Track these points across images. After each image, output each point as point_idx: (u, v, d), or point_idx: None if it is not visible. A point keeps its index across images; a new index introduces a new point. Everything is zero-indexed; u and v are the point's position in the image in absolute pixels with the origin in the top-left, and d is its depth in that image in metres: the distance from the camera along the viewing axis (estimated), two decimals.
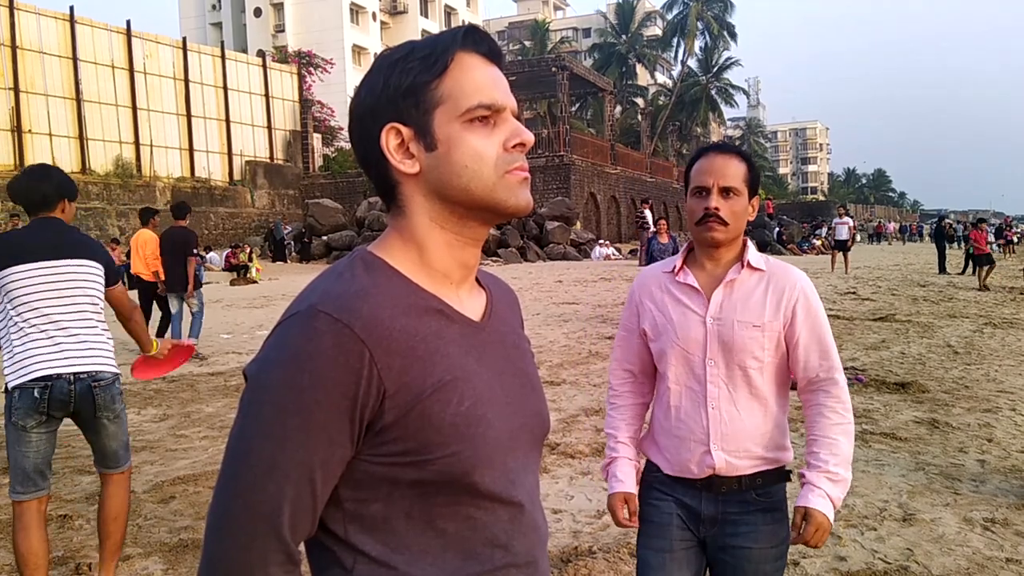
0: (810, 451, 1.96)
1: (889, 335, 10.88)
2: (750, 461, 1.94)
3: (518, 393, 1.06)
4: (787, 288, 1.95)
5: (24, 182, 3.39)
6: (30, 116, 27.03)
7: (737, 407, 1.94)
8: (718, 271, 2.00)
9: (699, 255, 2.03)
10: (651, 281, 2.09)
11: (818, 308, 1.97)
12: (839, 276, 20.85)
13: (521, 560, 1.02)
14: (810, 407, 1.99)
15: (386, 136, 1.00)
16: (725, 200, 1.94)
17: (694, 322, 1.97)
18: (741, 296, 1.95)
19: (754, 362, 1.92)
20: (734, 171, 1.96)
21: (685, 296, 2.00)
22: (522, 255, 27.48)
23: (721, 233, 1.94)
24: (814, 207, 65.98)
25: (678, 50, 62.35)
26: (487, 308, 1.09)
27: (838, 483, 1.90)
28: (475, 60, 1.01)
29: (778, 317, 1.93)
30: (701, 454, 1.94)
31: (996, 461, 5.24)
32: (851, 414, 1.97)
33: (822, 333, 1.97)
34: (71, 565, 3.76)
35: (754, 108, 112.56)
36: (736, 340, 1.92)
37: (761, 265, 1.98)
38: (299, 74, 38.84)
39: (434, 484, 0.95)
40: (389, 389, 0.92)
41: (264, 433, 0.90)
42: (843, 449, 1.92)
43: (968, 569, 3.62)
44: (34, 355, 3.14)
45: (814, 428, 1.96)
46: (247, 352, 10.34)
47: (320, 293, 0.95)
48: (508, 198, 1.01)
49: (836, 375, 1.96)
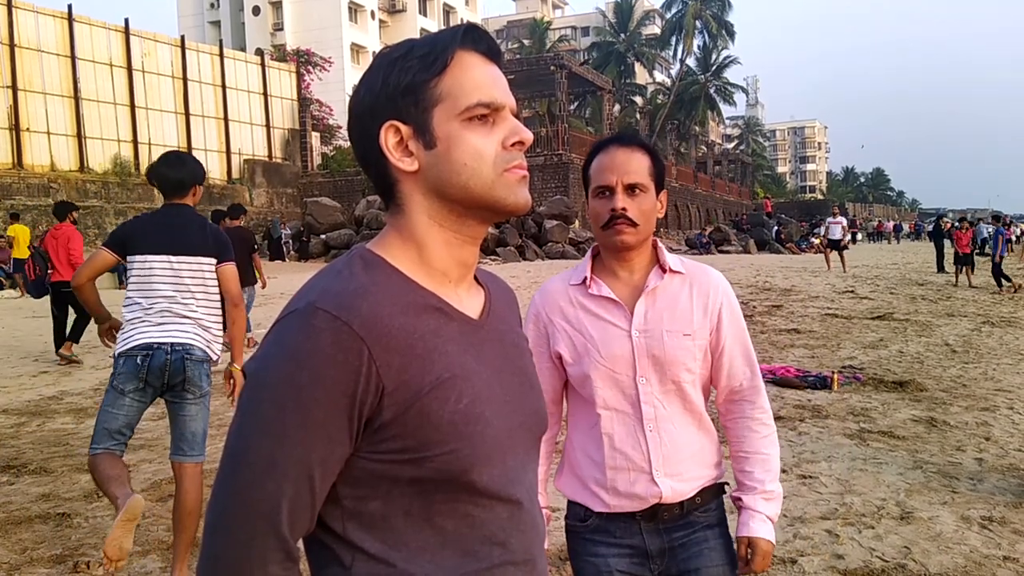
0: (741, 469, 1.86)
1: (887, 334, 10.89)
2: (692, 483, 1.80)
3: (516, 391, 1.07)
4: (711, 291, 1.82)
5: (161, 169, 3.71)
6: (28, 114, 26.99)
7: (674, 424, 1.79)
8: (635, 278, 1.82)
9: (608, 262, 1.84)
10: (558, 296, 1.86)
11: (738, 311, 1.87)
12: (837, 275, 20.86)
13: (519, 558, 1.03)
14: (734, 419, 1.88)
15: (385, 134, 1.00)
16: (631, 198, 1.75)
17: (618, 338, 1.77)
18: (666, 303, 1.79)
19: (687, 374, 1.78)
20: (637, 165, 1.77)
21: (603, 310, 1.80)
22: (520, 254, 27.48)
23: (631, 236, 1.75)
24: (812, 206, 66.01)
25: (677, 49, 62.39)
26: (486, 306, 1.09)
27: (773, 500, 1.83)
28: (474, 59, 1.01)
29: (705, 323, 1.80)
30: (645, 484, 1.77)
31: (994, 459, 5.25)
32: (773, 420, 1.89)
33: (745, 338, 1.87)
34: (69, 563, 3.76)
35: (753, 107, 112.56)
36: (668, 352, 1.76)
37: (680, 268, 1.82)
38: (298, 73, 38.80)
39: (433, 482, 0.95)
40: (388, 387, 0.92)
41: (263, 430, 0.90)
42: (774, 464, 1.84)
43: (965, 567, 3.63)
44: (140, 329, 3.56)
45: (743, 443, 1.86)
46: (245, 351, 10.32)
47: (319, 291, 0.95)
48: (507, 196, 1.01)
49: (758, 382, 1.86)
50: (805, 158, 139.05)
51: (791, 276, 20.87)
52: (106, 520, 4.33)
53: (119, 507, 3.21)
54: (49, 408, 7.24)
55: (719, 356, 1.82)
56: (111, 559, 3.13)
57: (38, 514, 4.44)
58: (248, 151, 35.24)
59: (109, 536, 3.16)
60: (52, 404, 7.42)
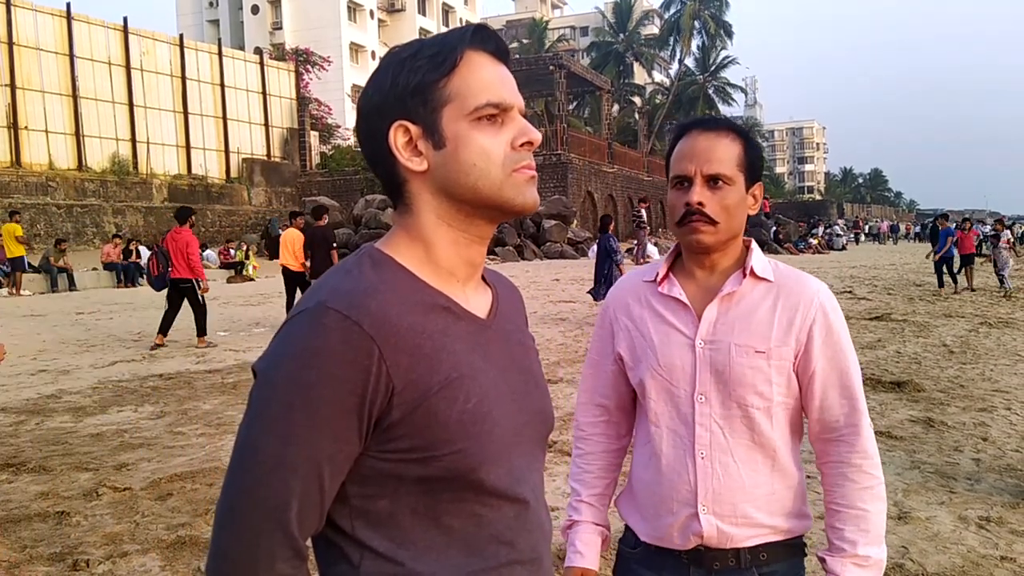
0: (831, 525, 1.53)
1: (885, 334, 10.92)
2: (750, 530, 1.51)
3: (523, 391, 1.07)
4: (802, 304, 1.52)
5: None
6: (26, 113, 26.98)
7: (735, 458, 1.51)
8: (712, 281, 1.58)
9: (687, 261, 1.62)
10: (628, 293, 1.66)
11: (841, 331, 1.54)
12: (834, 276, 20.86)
13: (525, 557, 1.03)
14: (829, 464, 1.56)
15: (394, 134, 1.00)
16: (712, 192, 1.51)
17: (680, 346, 1.54)
18: (741, 313, 1.53)
19: (757, 399, 1.50)
20: (723, 153, 1.52)
21: (669, 312, 1.58)
22: (519, 253, 27.49)
23: (709, 235, 1.52)
24: (811, 206, 66.05)
25: (675, 49, 62.40)
26: (493, 306, 1.09)
27: (867, 568, 1.48)
28: (483, 59, 1.02)
29: (788, 341, 1.50)
30: (686, 518, 1.52)
31: (991, 460, 5.26)
32: (880, 471, 1.53)
33: (845, 365, 1.53)
34: (68, 561, 3.76)
35: (751, 107, 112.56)
36: (734, 370, 1.50)
37: (768, 274, 1.55)
38: (296, 72, 38.80)
39: (440, 481, 0.96)
40: (397, 386, 0.93)
41: (272, 429, 0.91)
42: (875, 523, 1.49)
43: (963, 567, 3.64)
44: None
45: (836, 494, 1.53)
46: (244, 349, 10.33)
47: (329, 290, 0.96)
48: (515, 196, 1.01)
49: (861, 421, 1.53)
50: (803, 158, 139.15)
51: None
52: (105, 519, 4.34)
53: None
54: (48, 407, 7.24)
55: (809, 383, 1.53)
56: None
57: (37, 512, 4.44)
58: (247, 150, 35.23)
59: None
60: (51, 403, 7.41)
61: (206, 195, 32.49)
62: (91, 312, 15.09)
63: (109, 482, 4.93)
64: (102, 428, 6.41)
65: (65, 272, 20.49)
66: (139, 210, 29.68)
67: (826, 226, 46.39)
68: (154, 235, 28.34)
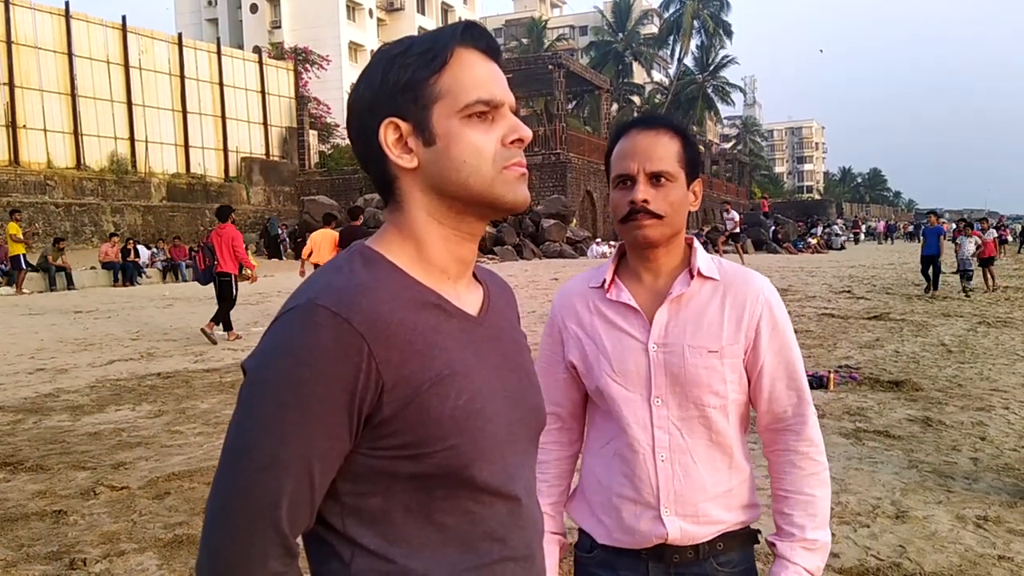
0: (780, 511, 1.58)
1: (883, 333, 10.92)
2: (711, 527, 1.54)
3: (516, 387, 1.07)
4: (749, 300, 1.55)
5: None
6: (25, 111, 26.95)
7: (694, 458, 1.54)
8: (659, 283, 1.58)
9: (633, 264, 1.61)
10: (576, 300, 1.65)
11: (786, 325, 1.59)
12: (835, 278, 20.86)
13: (518, 554, 1.03)
14: (776, 452, 1.61)
15: (384, 131, 1.00)
16: (656, 188, 1.52)
17: (633, 351, 1.55)
18: (692, 314, 1.54)
19: (714, 398, 1.53)
20: (664, 151, 1.53)
21: (620, 318, 1.58)
22: (518, 253, 27.49)
23: (653, 229, 1.52)
24: (810, 206, 66.15)
25: (674, 48, 62.46)
26: (484, 303, 1.09)
27: (815, 551, 1.54)
28: (474, 56, 1.02)
29: (739, 339, 1.54)
30: (649, 520, 1.54)
31: (989, 459, 5.27)
32: (824, 457, 1.60)
33: (791, 357, 1.58)
34: (65, 560, 3.76)
35: (750, 107, 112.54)
36: (689, 371, 1.52)
37: (714, 273, 1.57)
38: (295, 71, 38.76)
39: (433, 477, 0.96)
40: (388, 383, 0.92)
41: (263, 426, 0.90)
42: (821, 507, 1.56)
43: (961, 566, 3.64)
44: None
45: (784, 481, 1.58)
46: (242, 348, 10.33)
47: (319, 287, 0.95)
48: (506, 193, 1.01)
49: (807, 410, 1.58)
50: (802, 158, 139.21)
51: (788, 276, 20.91)
52: (103, 518, 4.34)
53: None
54: (45, 405, 7.24)
55: (758, 377, 1.56)
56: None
57: (34, 511, 4.43)
58: (245, 149, 35.21)
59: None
60: (48, 401, 7.41)
61: (204, 194, 32.47)
62: (89, 311, 15.08)
63: (107, 481, 4.93)
64: (100, 427, 6.41)
65: (63, 271, 20.47)
66: (137, 209, 29.66)
67: (825, 226, 46.44)
68: (155, 233, 28.37)
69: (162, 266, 23.70)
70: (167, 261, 24.00)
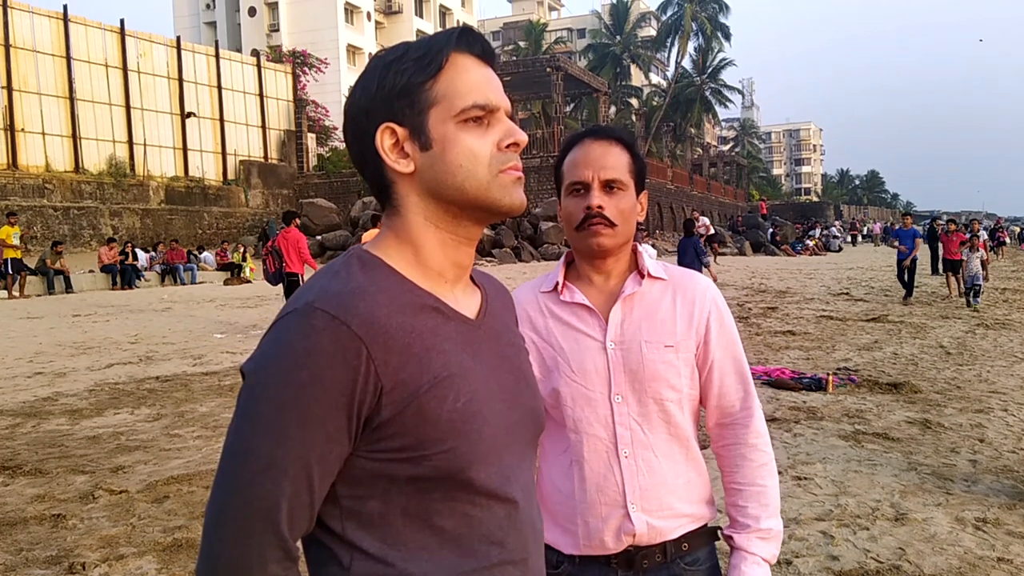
0: (734, 503, 1.62)
1: (882, 336, 10.93)
2: (675, 521, 1.57)
3: (513, 390, 1.07)
4: (697, 299, 1.61)
5: None
6: (23, 115, 26.92)
7: (655, 452, 1.57)
8: (611, 284, 1.63)
9: (582, 268, 1.65)
10: (527, 305, 1.65)
11: (731, 322, 1.65)
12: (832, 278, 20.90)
13: (516, 557, 1.03)
14: (726, 445, 1.65)
15: (381, 136, 1.01)
16: (609, 196, 1.57)
17: (591, 350, 1.58)
18: (645, 311, 1.59)
19: (671, 392, 1.56)
20: (615, 160, 1.59)
21: (575, 319, 1.61)
22: (516, 255, 27.49)
23: (608, 237, 1.57)
24: (807, 208, 66.20)
25: (672, 51, 62.49)
26: (482, 306, 1.10)
27: (770, 540, 1.59)
28: (469, 61, 1.03)
29: (691, 334, 1.59)
30: (618, 519, 1.55)
31: (988, 461, 5.27)
32: (770, 447, 1.65)
33: (738, 352, 1.64)
34: (64, 564, 3.76)
35: (748, 109, 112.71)
36: (647, 366, 1.55)
37: (661, 273, 1.63)
38: (293, 74, 38.77)
39: (431, 480, 0.96)
40: (386, 385, 0.93)
41: (262, 430, 0.90)
42: (772, 497, 1.61)
43: (960, 568, 3.64)
44: None
45: (736, 474, 1.63)
46: (240, 352, 10.32)
47: (317, 291, 0.96)
48: (502, 197, 1.02)
49: (753, 404, 1.64)
50: (800, 160, 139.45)
51: (786, 278, 20.92)
52: (102, 522, 4.33)
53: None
54: (44, 409, 7.23)
55: (708, 372, 1.61)
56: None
57: (33, 515, 4.43)
58: (244, 152, 35.20)
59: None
60: (47, 405, 7.40)
61: (203, 197, 32.46)
62: (87, 314, 15.07)
63: (105, 485, 4.92)
64: (98, 431, 6.40)
65: (62, 274, 20.46)
66: (136, 212, 29.63)
67: (823, 228, 46.47)
68: (153, 236, 28.33)
69: (160, 269, 23.70)
70: (165, 264, 24.00)
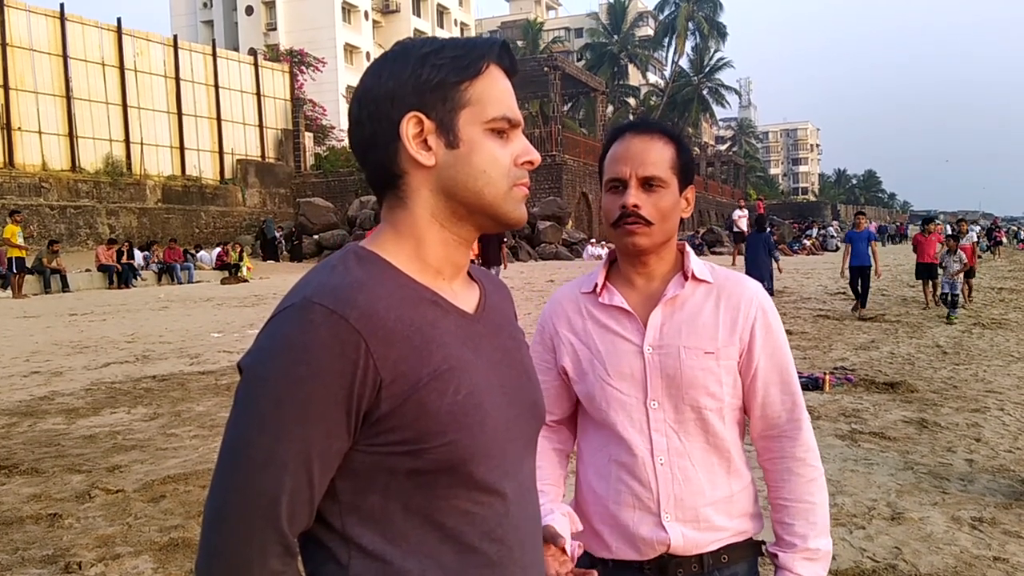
0: (780, 520, 1.55)
1: (879, 335, 10.94)
2: (713, 534, 1.52)
3: (514, 384, 1.07)
4: (743, 304, 1.54)
5: None
6: (20, 114, 26.86)
7: (692, 461, 1.52)
8: (652, 286, 1.57)
9: (624, 268, 1.60)
10: (567, 305, 1.64)
11: (779, 329, 1.58)
12: (833, 278, 20.91)
13: (515, 553, 1.03)
14: (772, 459, 1.57)
15: (407, 123, 1.00)
16: (647, 194, 1.51)
17: (628, 354, 1.53)
18: (686, 316, 1.53)
19: (710, 400, 1.51)
20: (657, 156, 1.52)
21: (613, 321, 1.56)
22: (514, 254, 27.52)
23: (644, 237, 1.51)
24: (805, 208, 66.34)
25: (669, 50, 62.55)
26: (481, 300, 1.10)
27: (817, 560, 1.51)
28: (500, 73, 1.05)
29: (733, 341, 1.52)
30: (651, 527, 1.51)
31: (984, 460, 5.28)
32: (820, 462, 1.58)
33: (785, 362, 1.57)
34: (60, 564, 3.75)
35: (745, 109, 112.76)
36: (685, 373, 1.50)
37: (707, 276, 1.57)
38: (291, 73, 38.73)
39: (431, 474, 0.96)
40: (385, 379, 0.93)
41: (260, 425, 0.90)
42: (820, 515, 1.53)
43: (956, 567, 3.65)
44: None
45: (782, 489, 1.55)
46: (238, 351, 10.31)
47: (315, 286, 0.95)
48: (512, 210, 1.05)
49: (801, 415, 1.56)
50: (797, 160, 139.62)
51: (783, 277, 20.93)
52: (98, 521, 4.32)
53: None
54: (40, 408, 7.22)
55: (751, 381, 1.54)
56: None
57: (29, 515, 4.42)
58: (241, 151, 35.15)
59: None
60: (43, 404, 7.39)
61: (200, 196, 32.42)
62: (84, 314, 15.05)
63: (102, 484, 4.91)
64: (95, 430, 6.39)
65: (58, 273, 20.43)
66: (133, 211, 29.59)
67: (820, 227, 46.53)
68: (150, 236, 28.31)
69: (157, 269, 23.67)
70: (161, 263, 23.98)
